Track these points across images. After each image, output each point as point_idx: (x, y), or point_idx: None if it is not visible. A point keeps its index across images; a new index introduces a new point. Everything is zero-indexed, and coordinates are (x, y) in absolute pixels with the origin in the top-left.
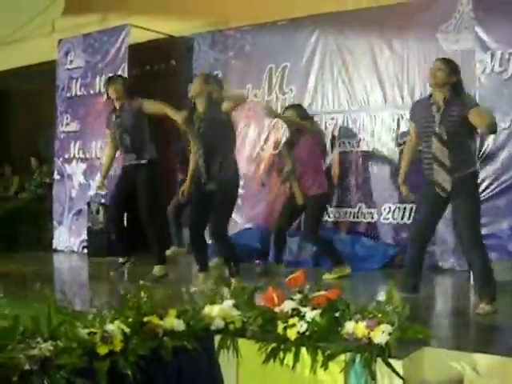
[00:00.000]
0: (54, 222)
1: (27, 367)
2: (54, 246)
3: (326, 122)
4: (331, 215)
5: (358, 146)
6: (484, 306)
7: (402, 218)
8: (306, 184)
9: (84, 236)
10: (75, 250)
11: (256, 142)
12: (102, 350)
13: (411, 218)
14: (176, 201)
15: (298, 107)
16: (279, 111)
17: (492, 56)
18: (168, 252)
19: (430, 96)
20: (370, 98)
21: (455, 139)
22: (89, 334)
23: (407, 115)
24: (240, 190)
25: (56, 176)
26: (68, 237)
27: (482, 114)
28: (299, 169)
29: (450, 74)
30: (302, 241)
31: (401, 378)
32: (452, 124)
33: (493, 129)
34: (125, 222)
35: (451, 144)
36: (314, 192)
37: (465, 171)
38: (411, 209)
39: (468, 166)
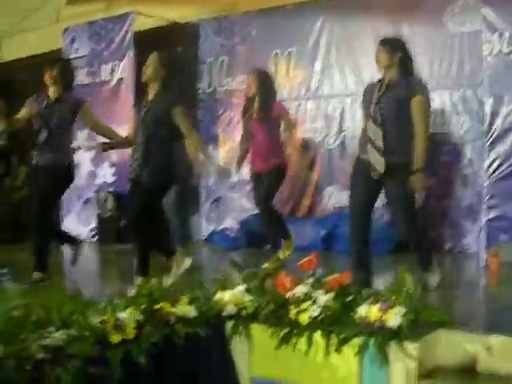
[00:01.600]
0: (63, 211)
1: (40, 356)
2: None
3: (333, 106)
4: (338, 199)
5: None
6: (434, 278)
7: None
8: (262, 155)
9: (93, 224)
10: (84, 238)
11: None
12: (115, 339)
13: None
14: None
15: (261, 74)
16: (286, 95)
17: (500, 36)
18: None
19: (380, 79)
20: None
21: (393, 122)
22: (101, 322)
23: None
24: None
25: None
26: (77, 225)
27: (420, 110)
28: (258, 140)
29: (393, 54)
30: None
31: (415, 360)
32: (390, 106)
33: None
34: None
35: (388, 126)
36: (270, 164)
37: (400, 156)
38: None
39: (405, 151)
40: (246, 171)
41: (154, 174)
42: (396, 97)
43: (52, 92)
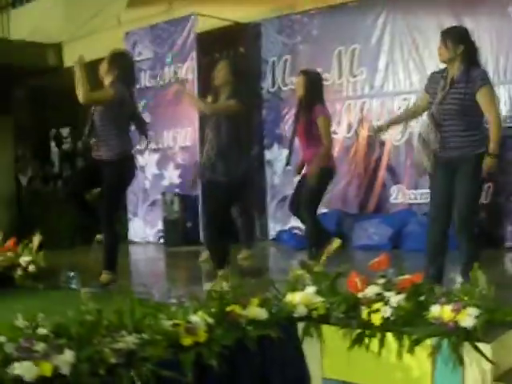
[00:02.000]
0: (129, 214)
1: (113, 360)
2: (129, 237)
3: (398, 103)
4: (406, 197)
5: None
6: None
7: None
8: (306, 159)
9: (159, 226)
10: (151, 240)
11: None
12: (187, 342)
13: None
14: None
15: (308, 75)
16: (350, 93)
17: None
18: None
19: (445, 69)
20: None
21: (457, 119)
22: (173, 325)
23: None
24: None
25: None
26: (143, 228)
27: (489, 99)
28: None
29: (455, 47)
30: (377, 223)
31: (490, 361)
32: (452, 105)
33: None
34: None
35: (447, 126)
36: (315, 165)
37: (463, 152)
38: None
39: (471, 147)
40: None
41: (229, 171)
42: (460, 94)
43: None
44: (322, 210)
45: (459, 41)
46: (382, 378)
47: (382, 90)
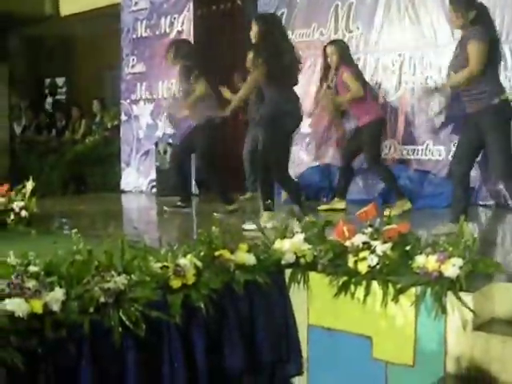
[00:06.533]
0: (122, 164)
1: (102, 300)
2: (122, 187)
3: (392, 59)
4: (398, 152)
5: (426, 83)
6: None
7: None
8: (355, 115)
9: (152, 176)
10: (143, 190)
11: (323, 80)
12: (175, 284)
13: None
14: (249, 145)
15: (338, 43)
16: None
17: None
18: (242, 197)
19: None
20: (438, 35)
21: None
22: (161, 267)
23: None
24: (307, 129)
25: (123, 117)
26: (136, 177)
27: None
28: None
29: (466, 13)
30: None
31: (471, 311)
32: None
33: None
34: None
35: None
36: (364, 121)
37: (487, 102)
38: None
39: (490, 96)
40: (305, 124)
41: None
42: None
43: None
44: (313, 163)
45: (469, 8)
46: (367, 326)
47: (377, 45)
